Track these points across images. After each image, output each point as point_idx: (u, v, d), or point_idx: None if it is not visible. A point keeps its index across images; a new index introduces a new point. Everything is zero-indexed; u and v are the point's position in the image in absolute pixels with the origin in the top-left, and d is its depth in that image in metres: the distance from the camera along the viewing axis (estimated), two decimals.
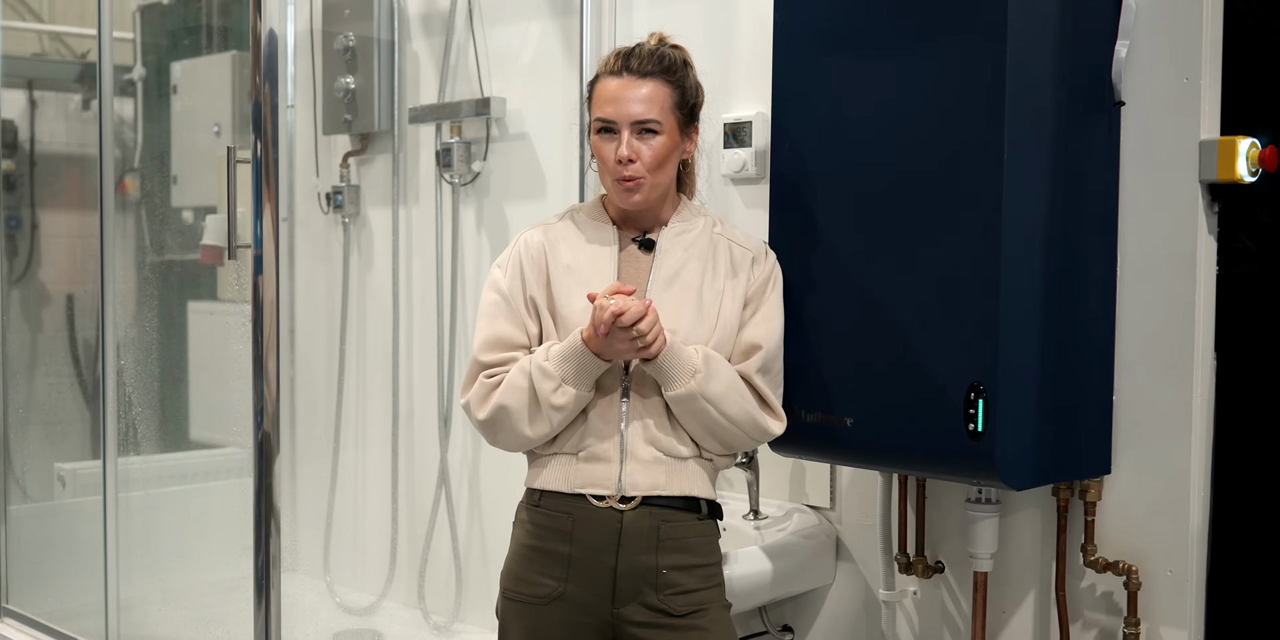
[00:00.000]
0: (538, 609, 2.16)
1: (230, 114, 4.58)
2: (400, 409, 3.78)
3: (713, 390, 2.10)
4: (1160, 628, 2.28)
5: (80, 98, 5.83)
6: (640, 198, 2.17)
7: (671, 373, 2.09)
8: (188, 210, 4.70)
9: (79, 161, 5.80)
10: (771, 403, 2.20)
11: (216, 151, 4.55)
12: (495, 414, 2.14)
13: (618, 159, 2.14)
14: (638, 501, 2.13)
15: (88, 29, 5.91)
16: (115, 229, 3.96)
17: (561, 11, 3.26)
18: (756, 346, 2.19)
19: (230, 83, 4.56)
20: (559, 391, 2.09)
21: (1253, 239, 2.24)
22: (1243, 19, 2.22)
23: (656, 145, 2.15)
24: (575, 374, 2.09)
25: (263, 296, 2.58)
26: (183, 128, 4.81)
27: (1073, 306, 2.23)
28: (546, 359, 2.10)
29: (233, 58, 4.58)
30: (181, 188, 4.70)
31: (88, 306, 5.71)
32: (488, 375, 2.18)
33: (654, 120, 2.14)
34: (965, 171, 2.12)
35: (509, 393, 2.13)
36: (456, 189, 3.55)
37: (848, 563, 2.73)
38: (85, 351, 5.61)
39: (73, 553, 3.76)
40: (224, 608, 3.61)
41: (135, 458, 3.88)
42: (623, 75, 2.16)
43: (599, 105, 2.17)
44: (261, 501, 2.60)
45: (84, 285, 5.68)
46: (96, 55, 5.39)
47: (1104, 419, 2.30)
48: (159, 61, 4.95)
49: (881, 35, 2.25)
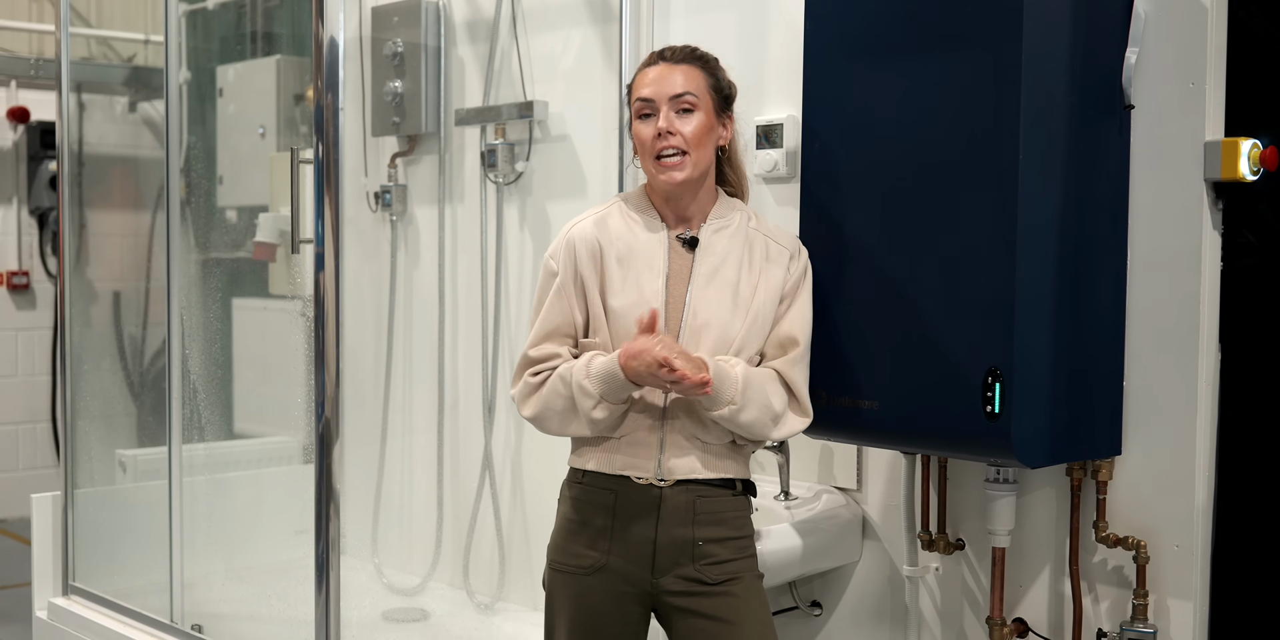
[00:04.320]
0: (582, 579, 2.30)
1: (275, 116, 4.73)
2: (446, 398, 3.92)
3: (744, 418, 2.23)
4: (1168, 599, 2.40)
5: (127, 100, 6.01)
6: (679, 175, 2.25)
7: (707, 403, 2.22)
8: (232, 209, 4.86)
9: (125, 163, 5.98)
10: (801, 397, 2.32)
11: (261, 153, 4.71)
12: (538, 414, 2.30)
13: (657, 132, 2.25)
14: (674, 480, 2.27)
15: (135, 33, 6.11)
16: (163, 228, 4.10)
17: (601, 19, 3.40)
18: (794, 341, 2.31)
19: (275, 86, 4.71)
20: (598, 408, 2.23)
21: (1255, 234, 2.36)
22: (1245, 27, 2.35)
23: (695, 122, 2.26)
24: (612, 393, 2.22)
25: (324, 291, 2.72)
26: (228, 130, 4.95)
27: (1085, 297, 2.36)
28: (587, 376, 2.22)
29: (277, 62, 4.73)
30: (227, 188, 4.85)
31: (133, 303, 5.89)
32: (533, 373, 2.30)
33: (691, 95, 2.26)
34: (983, 170, 2.25)
35: (551, 399, 2.27)
36: (500, 188, 3.70)
37: (873, 541, 2.86)
38: (131, 346, 5.78)
39: (134, 535, 3.91)
40: (282, 585, 3.76)
41: (199, 445, 4.04)
42: (658, 64, 2.30)
43: (637, 90, 2.30)
44: (323, 486, 2.74)
45: (130, 282, 5.86)
46: (152, 59, 5.56)
47: (1115, 403, 2.44)
48: (204, 65, 5.10)
49: (906, 43, 2.38)
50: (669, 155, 2.25)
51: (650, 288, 2.28)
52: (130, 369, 5.61)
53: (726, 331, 2.27)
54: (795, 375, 2.31)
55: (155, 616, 3.46)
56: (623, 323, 2.26)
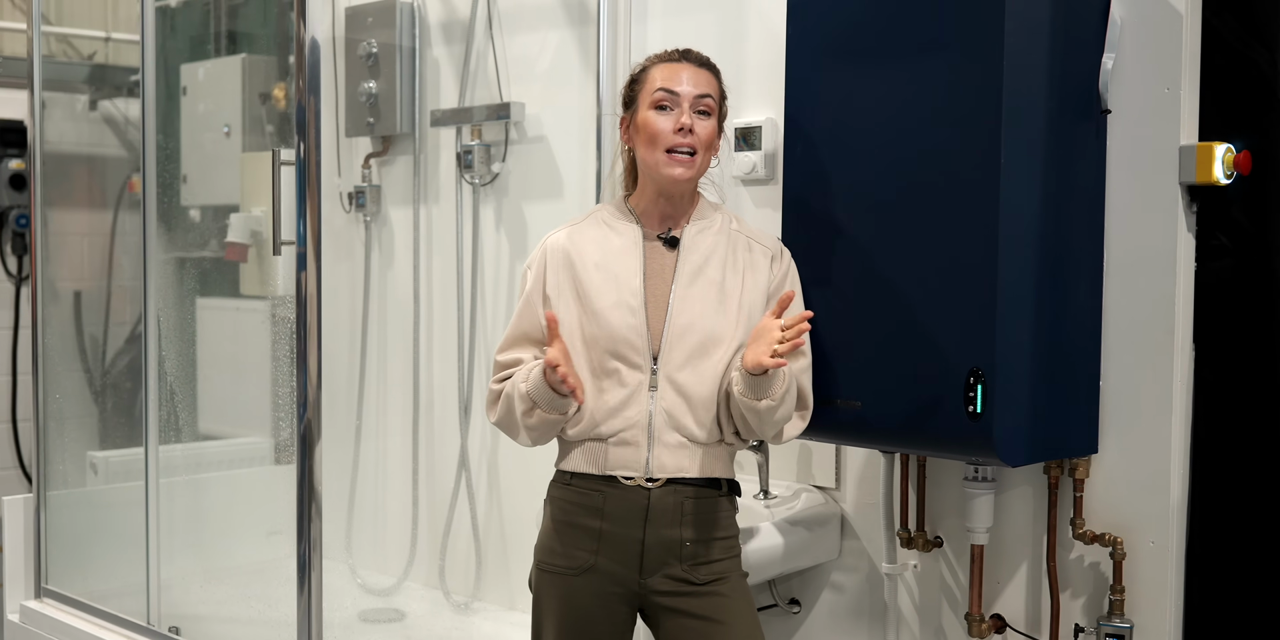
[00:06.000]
0: (570, 579, 2.32)
1: (240, 115, 4.70)
2: (421, 399, 3.93)
3: (777, 416, 2.26)
4: (1143, 595, 2.44)
5: (87, 98, 5.95)
6: (687, 172, 2.29)
7: (756, 389, 2.21)
8: (195, 209, 4.83)
9: (86, 161, 5.92)
10: (808, 402, 2.36)
11: (225, 152, 4.67)
12: (500, 420, 2.35)
13: (679, 127, 2.27)
14: (663, 481, 2.29)
15: (97, 31, 6.05)
16: (126, 227, 4.05)
17: (579, 21, 3.41)
18: (806, 350, 2.34)
19: (240, 85, 4.68)
20: (529, 414, 2.26)
21: (1228, 237, 2.41)
22: (1218, 34, 2.39)
23: (709, 126, 2.31)
24: (544, 400, 2.24)
25: (306, 291, 2.73)
26: (192, 129, 4.92)
27: (1064, 298, 2.40)
28: (525, 380, 2.26)
29: (243, 61, 4.70)
30: (191, 187, 4.82)
31: (95, 302, 5.83)
32: (497, 379, 2.35)
33: (711, 99, 2.31)
34: (965, 173, 2.29)
35: (504, 406, 2.32)
36: (477, 189, 3.71)
37: (852, 539, 2.90)
38: (92, 346, 5.72)
39: (107, 537, 3.89)
40: (256, 587, 3.74)
41: (174, 446, 4.02)
42: (682, 62, 2.33)
43: (663, 81, 2.30)
44: (305, 486, 2.75)
45: (91, 282, 5.80)
46: (114, 57, 5.50)
47: (1092, 402, 2.48)
48: (168, 63, 5.06)
49: (888, 46, 2.41)
50: (682, 152, 2.29)
51: (629, 288, 2.30)
52: (92, 370, 5.55)
53: (712, 330, 2.30)
54: (805, 381, 2.35)
55: (132, 619, 3.45)
56: (604, 325, 2.29)
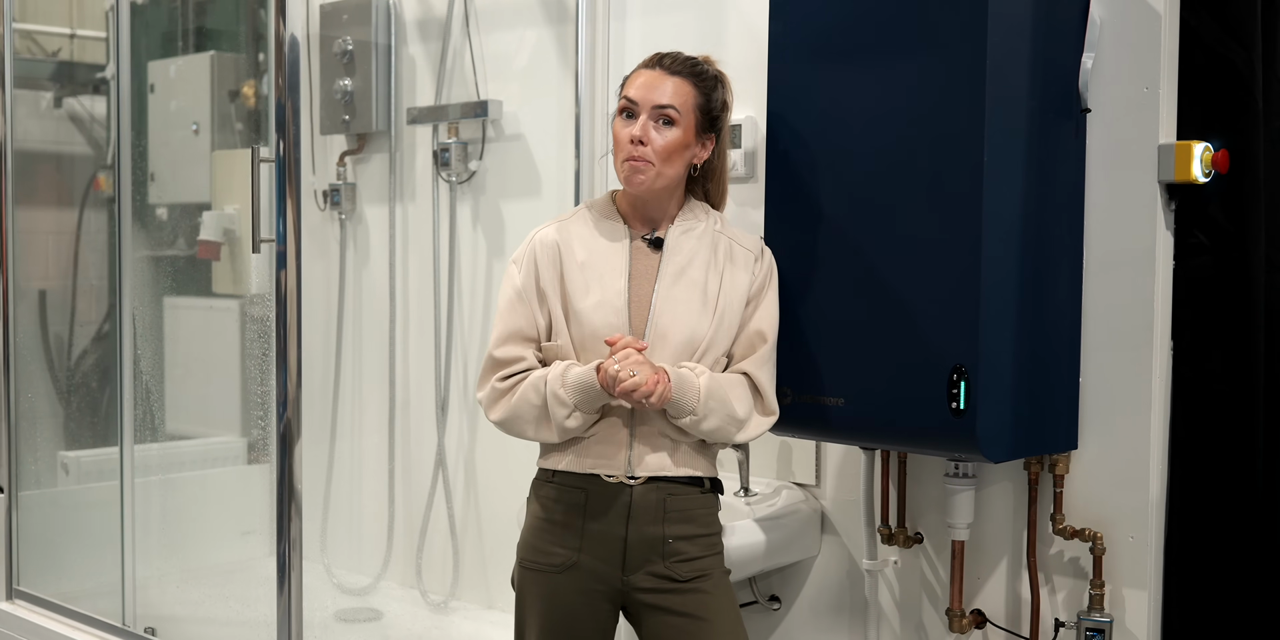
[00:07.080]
0: (553, 577, 2.32)
1: (209, 113, 4.67)
2: (397, 397, 3.91)
3: (706, 427, 2.27)
4: (1123, 589, 2.47)
5: (52, 96, 5.90)
6: (643, 181, 2.27)
7: (671, 412, 2.25)
8: (163, 207, 4.79)
9: (50, 159, 5.86)
10: (768, 397, 2.35)
11: (193, 150, 4.64)
12: (506, 419, 2.31)
13: (631, 138, 2.27)
14: (645, 479, 2.29)
15: (61, 27, 6.00)
16: (92, 225, 4.01)
17: (557, 19, 3.41)
18: (763, 338, 2.35)
19: (209, 82, 4.65)
20: (572, 417, 2.26)
21: (1206, 235, 2.43)
22: (1196, 34, 2.42)
23: (670, 136, 2.28)
24: (587, 404, 2.25)
25: (286, 289, 2.72)
26: (159, 126, 4.88)
27: (1044, 296, 2.42)
28: (562, 386, 2.24)
29: (211, 58, 4.67)
30: (159, 185, 4.78)
31: (60, 301, 5.77)
32: (500, 378, 2.32)
33: (673, 109, 2.27)
34: (948, 171, 2.30)
35: (522, 407, 2.29)
36: (453, 187, 3.70)
37: (832, 535, 2.91)
38: (57, 345, 5.67)
39: (80, 537, 3.86)
40: (230, 587, 3.72)
41: (149, 445, 3.99)
42: (655, 69, 2.31)
43: (626, 88, 2.31)
44: (285, 486, 2.74)
45: (57, 281, 5.74)
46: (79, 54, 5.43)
47: (1072, 398, 2.50)
48: (134, 61, 5.02)
49: (871, 45, 2.42)
50: (636, 161, 2.28)
51: (613, 288, 2.30)
52: (57, 369, 5.50)
53: (694, 332, 2.30)
54: (763, 376, 2.34)
55: (107, 620, 3.42)
56: (587, 325, 2.28)
